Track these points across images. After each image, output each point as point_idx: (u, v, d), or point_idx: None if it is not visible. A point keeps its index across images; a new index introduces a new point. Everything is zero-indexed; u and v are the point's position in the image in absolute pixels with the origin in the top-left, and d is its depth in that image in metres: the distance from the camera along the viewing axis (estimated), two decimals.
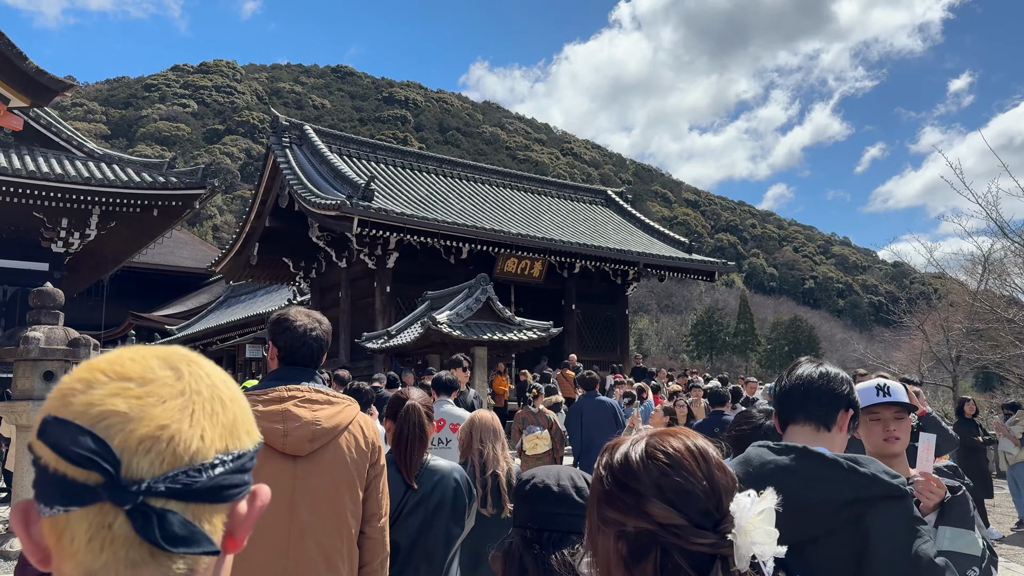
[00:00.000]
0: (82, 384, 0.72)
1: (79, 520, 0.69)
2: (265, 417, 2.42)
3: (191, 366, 0.77)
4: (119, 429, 0.69)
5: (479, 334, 15.01)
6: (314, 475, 2.50)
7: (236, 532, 0.77)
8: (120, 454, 0.68)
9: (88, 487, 0.68)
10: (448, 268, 22.22)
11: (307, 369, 2.65)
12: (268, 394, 2.53)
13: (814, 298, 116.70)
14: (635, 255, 23.72)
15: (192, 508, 0.71)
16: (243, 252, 24.26)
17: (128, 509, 0.68)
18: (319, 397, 2.57)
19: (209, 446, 0.72)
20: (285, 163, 21.48)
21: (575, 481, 1.93)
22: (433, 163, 25.99)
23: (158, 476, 0.69)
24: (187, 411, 0.72)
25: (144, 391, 0.72)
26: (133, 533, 0.68)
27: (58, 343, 8.40)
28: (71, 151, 22.65)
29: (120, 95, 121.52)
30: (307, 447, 2.48)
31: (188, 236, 51.42)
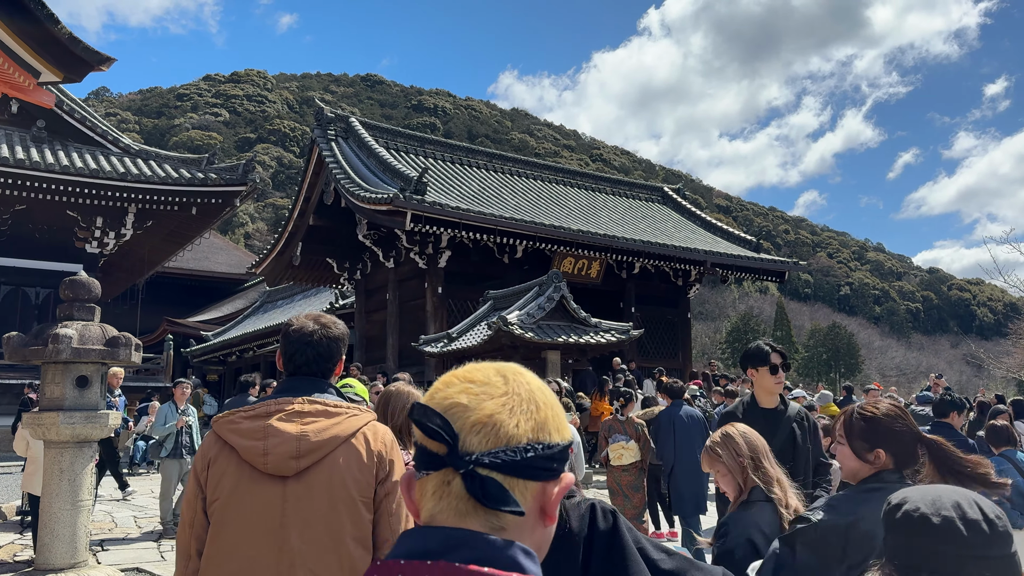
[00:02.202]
0: (443, 384, 1.00)
1: (429, 480, 0.95)
2: (246, 434, 2.25)
3: (516, 376, 1.01)
4: (460, 415, 0.95)
5: (553, 336, 13.52)
6: (307, 497, 2.23)
7: (547, 508, 0.97)
8: (459, 432, 0.93)
9: (437, 456, 0.94)
10: (502, 268, 20.82)
11: (310, 379, 2.42)
12: (255, 409, 2.32)
13: (850, 305, 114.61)
14: (702, 254, 22.14)
15: (508, 480, 0.93)
16: (285, 252, 23.01)
17: (463, 473, 0.92)
18: (313, 408, 2.30)
19: (522, 434, 0.94)
20: (331, 156, 20.19)
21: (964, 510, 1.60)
22: (484, 157, 24.59)
23: (484, 451, 0.92)
24: (508, 407, 0.96)
25: (480, 390, 0.97)
26: (464, 491, 0.92)
27: (94, 342, 7.03)
28: (106, 146, 21.58)
29: (153, 105, 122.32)
30: (292, 465, 2.22)
31: (223, 241, 50.57)
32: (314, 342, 2.44)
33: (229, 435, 2.29)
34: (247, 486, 2.23)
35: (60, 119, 20.55)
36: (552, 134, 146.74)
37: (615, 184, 28.00)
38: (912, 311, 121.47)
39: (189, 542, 2.30)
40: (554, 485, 0.97)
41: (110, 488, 12.40)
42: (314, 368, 2.44)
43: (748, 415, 4.16)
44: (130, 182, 19.84)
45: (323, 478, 2.25)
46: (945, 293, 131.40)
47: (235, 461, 2.25)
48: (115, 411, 11.87)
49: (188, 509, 2.32)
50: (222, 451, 2.29)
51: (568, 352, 14.27)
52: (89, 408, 7.12)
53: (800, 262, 25.10)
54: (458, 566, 0.88)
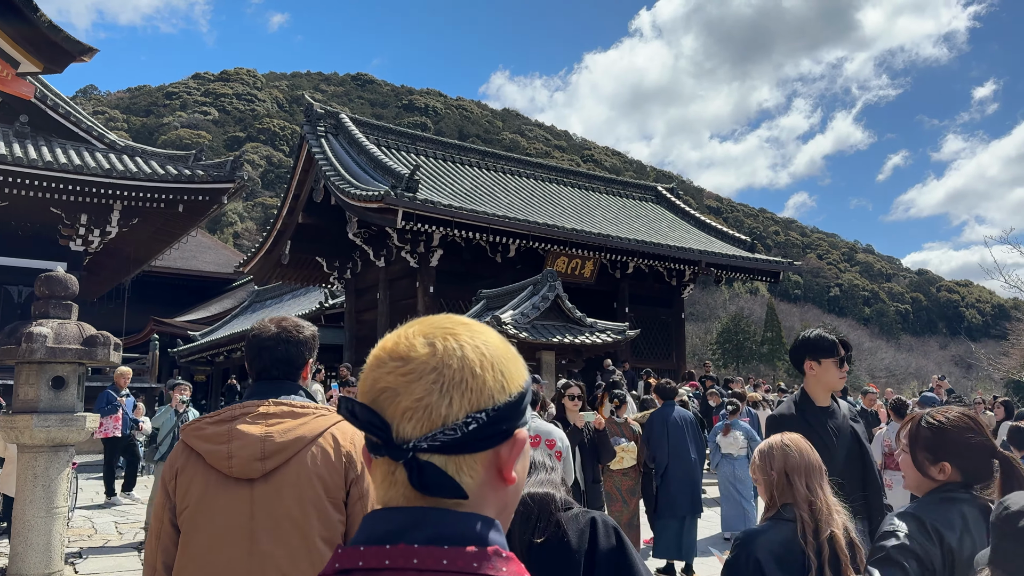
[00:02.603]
0: (372, 363, 0.93)
1: (378, 465, 0.93)
2: (210, 439, 2.21)
3: (446, 340, 0.91)
4: (389, 402, 0.90)
5: (548, 336, 13.21)
6: (275, 499, 2.16)
7: (503, 471, 0.93)
8: (391, 422, 0.89)
9: (376, 444, 0.91)
10: (494, 268, 20.51)
11: (277, 382, 2.37)
12: (221, 414, 2.28)
13: (839, 306, 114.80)
14: (697, 253, 21.88)
15: (453, 459, 0.90)
16: (273, 251, 22.63)
17: (402, 462, 0.89)
18: (278, 410, 2.24)
19: (458, 411, 0.89)
20: (320, 153, 19.83)
21: None
22: (476, 155, 24.26)
23: (420, 437, 0.88)
24: (438, 384, 0.88)
25: (407, 369, 0.89)
26: (407, 479, 0.89)
27: (70, 341, 6.69)
28: (91, 142, 21.16)
29: (141, 103, 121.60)
30: (257, 467, 2.16)
31: (211, 240, 50.08)
32: (271, 347, 2.38)
33: (195, 441, 2.25)
34: (215, 491, 2.19)
35: (44, 114, 20.14)
36: (543, 134, 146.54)
37: (608, 183, 27.72)
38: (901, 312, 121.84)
39: (156, 554, 2.27)
40: (507, 446, 0.93)
41: (91, 493, 12.04)
42: (275, 372, 2.38)
43: (805, 416, 3.63)
44: (115, 179, 19.44)
45: (291, 479, 2.19)
46: (934, 295, 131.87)
47: (202, 467, 2.22)
48: (118, 412, 11.57)
49: (155, 520, 2.29)
50: (189, 459, 2.26)
51: (563, 353, 13.97)
52: (65, 410, 6.78)
53: (795, 262, 24.84)
54: (417, 547, 0.86)
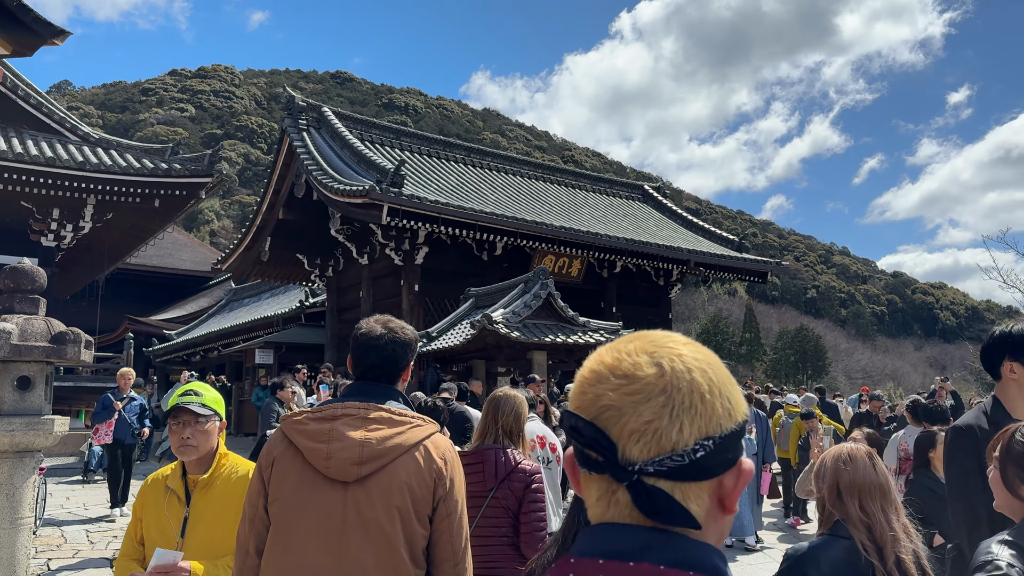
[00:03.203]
0: (591, 379, 0.91)
1: (594, 482, 0.90)
2: (311, 436, 2.24)
3: (673, 362, 0.89)
4: (614, 421, 0.87)
5: (540, 336, 12.76)
6: (366, 505, 2.19)
7: (725, 500, 0.89)
8: (616, 441, 0.86)
9: (596, 461, 0.88)
10: (481, 266, 20.05)
11: (379, 385, 2.38)
12: (323, 411, 2.29)
13: (816, 307, 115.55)
14: (686, 252, 21.54)
15: (679, 486, 0.86)
16: (253, 247, 22.03)
17: (626, 484, 0.86)
18: (378, 416, 2.27)
19: (688, 437, 0.85)
20: (302, 147, 19.28)
21: None
22: (461, 152, 23.77)
23: (647, 460, 0.85)
24: (668, 408, 0.86)
25: (633, 389, 0.87)
26: (631, 502, 0.87)
27: (37, 338, 6.16)
28: (64, 134, 20.50)
29: (117, 99, 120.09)
30: (354, 471, 2.19)
31: (187, 238, 49.23)
32: (380, 346, 2.40)
33: (295, 435, 2.28)
34: (309, 488, 2.22)
35: (14, 104, 19.45)
36: (524, 135, 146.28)
37: (595, 181, 27.32)
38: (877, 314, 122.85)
39: (248, 538, 2.31)
40: (732, 476, 0.89)
41: (61, 499, 11.46)
42: (379, 372, 2.41)
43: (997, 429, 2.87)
44: (89, 172, 18.81)
45: (383, 486, 2.22)
46: (909, 296, 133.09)
47: (299, 462, 2.25)
48: (112, 417, 10.79)
49: (250, 506, 2.33)
50: (287, 451, 2.29)
51: (555, 353, 13.54)
52: (31, 413, 6.25)
53: (782, 262, 24.59)
54: (663, 568, 0.84)
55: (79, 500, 11.51)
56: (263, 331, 26.63)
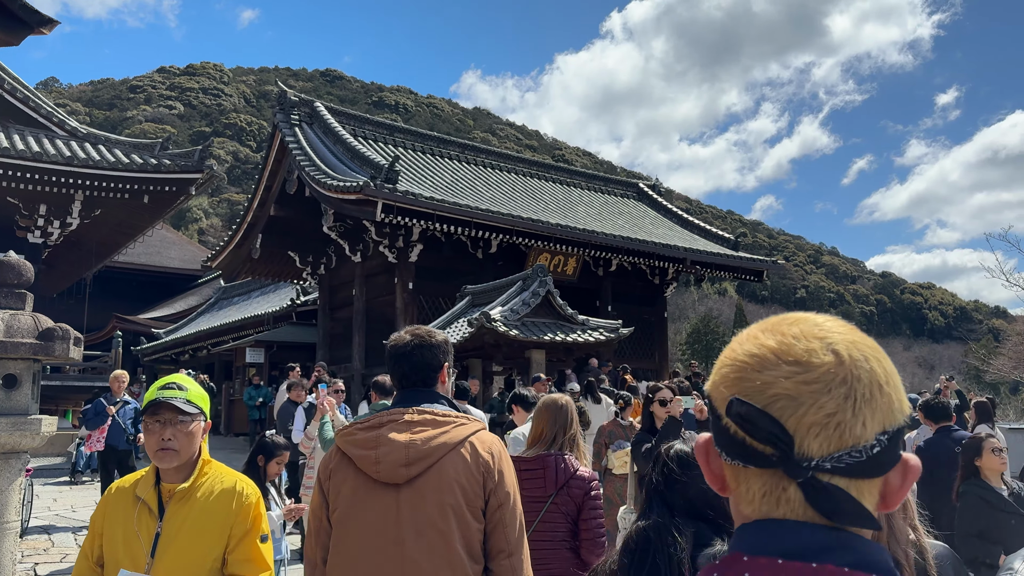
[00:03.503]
0: (754, 362, 0.83)
1: (755, 476, 0.84)
2: (360, 444, 2.35)
3: (851, 349, 0.82)
4: (790, 411, 0.80)
5: (539, 334, 12.53)
6: (419, 504, 2.27)
7: (888, 497, 0.83)
8: (793, 434, 0.80)
9: (764, 455, 0.81)
10: (475, 264, 19.80)
11: (419, 390, 2.49)
12: (370, 421, 2.42)
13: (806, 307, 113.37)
14: (682, 251, 21.34)
15: (855, 483, 0.81)
16: (244, 245, 21.70)
17: (800, 482, 0.80)
18: (421, 418, 2.37)
19: (870, 432, 0.80)
20: (294, 142, 18.98)
21: None
22: (455, 148, 23.51)
23: (826, 456, 0.79)
24: (851, 401, 0.79)
25: (811, 378, 0.80)
26: (804, 500, 0.81)
27: (24, 334, 5.90)
28: (51, 129, 20.15)
29: (104, 96, 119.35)
30: (402, 473, 2.28)
31: (176, 236, 48.79)
32: (409, 353, 2.49)
33: (347, 446, 2.38)
34: (364, 494, 2.31)
35: (1, 99, 19.09)
36: (515, 134, 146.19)
37: (590, 179, 27.11)
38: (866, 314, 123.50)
39: (315, 550, 2.40)
40: (898, 473, 0.83)
41: (48, 500, 11.17)
42: (415, 378, 2.49)
43: None
44: (77, 167, 18.48)
45: (432, 485, 2.29)
46: (898, 296, 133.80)
47: (352, 471, 2.34)
48: (104, 423, 10.30)
49: (314, 519, 2.42)
50: (341, 462, 2.38)
51: (553, 351, 13.31)
52: (17, 412, 5.99)
53: (778, 261, 24.44)
54: (847, 571, 0.78)
55: (67, 502, 11.22)
56: (253, 330, 26.32)
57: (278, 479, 4.93)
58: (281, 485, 5.05)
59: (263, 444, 4.85)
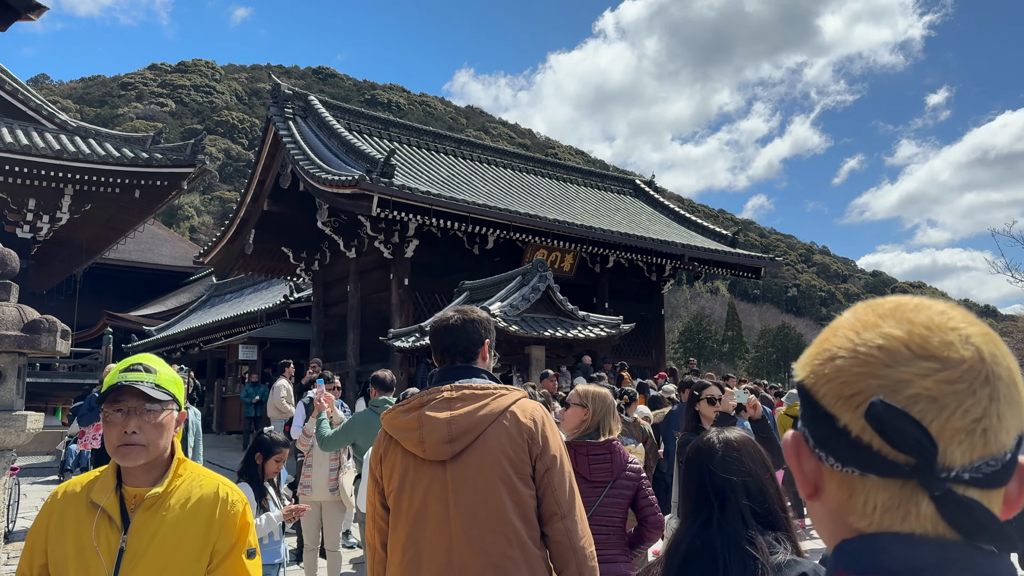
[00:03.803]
0: (882, 355, 0.73)
1: (876, 487, 0.73)
2: (403, 426, 2.37)
3: (987, 344, 0.73)
4: (933, 417, 0.70)
5: (539, 330, 12.30)
6: (467, 478, 2.29)
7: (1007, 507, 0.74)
8: (938, 441, 0.70)
9: (894, 464, 0.71)
10: (472, 260, 19.56)
11: (458, 367, 2.49)
12: (410, 402, 2.44)
13: (797, 306, 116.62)
14: (680, 247, 21.14)
15: (987, 494, 0.72)
16: (237, 240, 21.41)
17: (936, 495, 0.70)
18: (459, 394, 2.38)
19: (1011, 439, 0.72)
20: (288, 136, 18.70)
21: None
22: (451, 143, 23.25)
23: (965, 466, 0.70)
24: (994, 402, 0.71)
25: (952, 376, 0.70)
26: (938, 515, 0.71)
27: (9, 326, 5.65)
28: (40, 122, 19.83)
29: (95, 93, 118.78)
30: (447, 449, 2.30)
31: (167, 232, 48.41)
32: (451, 328, 2.51)
33: (391, 429, 2.40)
34: (414, 474, 2.33)
35: None
36: (507, 132, 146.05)
37: (586, 175, 26.89)
38: None
39: (373, 535, 2.44)
40: (1017, 480, 0.73)
41: (36, 500, 10.87)
42: (456, 352, 2.50)
43: None
44: (66, 160, 18.17)
45: (477, 458, 2.29)
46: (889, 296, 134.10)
47: (401, 453, 2.37)
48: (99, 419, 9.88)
49: (369, 504, 2.46)
50: (390, 445, 2.42)
51: (553, 347, 13.08)
52: (2, 408, 5.74)
53: (776, 258, 24.24)
54: None
55: None
56: (246, 327, 26.02)
57: (276, 478, 4.66)
58: (280, 484, 4.78)
59: (261, 441, 4.60)
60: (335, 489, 6.64)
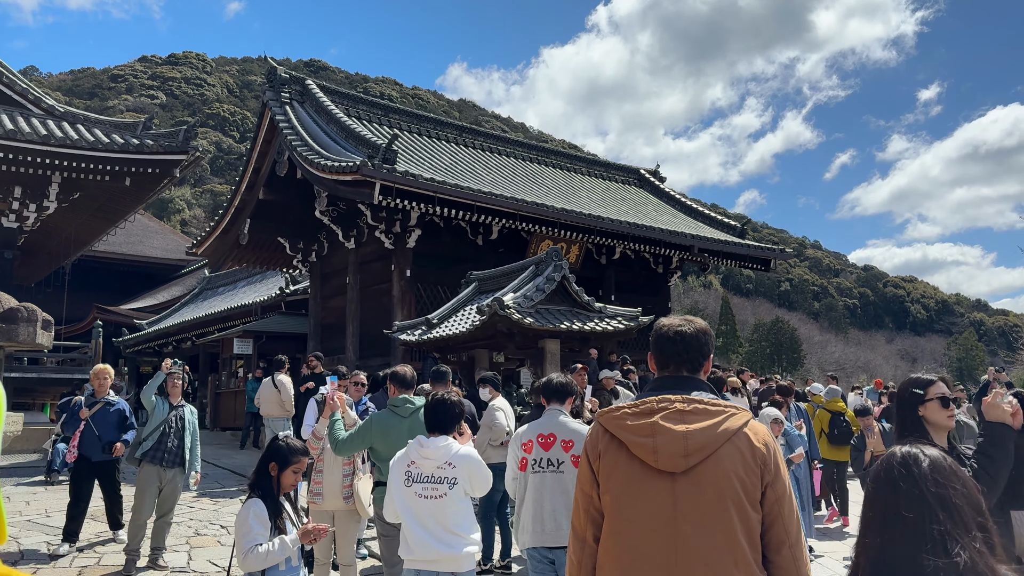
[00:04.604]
0: None
1: None
2: (633, 431, 2.34)
3: None
4: None
5: (555, 322, 11.61)
6: (696, 494, 2.26)
7: None
8: None
9: None
10: (475, 251, 18.88)
11: (681, 376, 2.46)
12: (639, 407, 2.39)
13: (790, 300, 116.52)
14: (690, 238, 20.49)
15: None
16: (231, 230, 20.66)
17: None
18: (693, 408, 2.33)
19: None
20: (285, 121, 17.97)
21: None
22: (453, 131, 22.53)
23: None
24: None
25: None
26: None
27: None
28: (27, 107, 19.08)
29: (85, 85, 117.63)
30: (681, 463, 2.27)
31: (158, 225, 47.56)
32: (683, 336, 2.47)
33: (617, 430, 2.38)
34: (638, 480, 2.30)
35: None
36: (500, 126, 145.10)
37: (590, 164, 26.18)
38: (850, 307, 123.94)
39: (586, 527, 2.42)
40: None
41: (19, 503, 10.17)
42: (682, 361, 2.46)
43: None
44: (53, 146, 17.43)
45: (710, 476, 2.25)
46: (881, 290, 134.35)
47: (624, 455, 2.34)
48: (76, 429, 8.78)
49: (583, 495, 2.43)
50: (611, 444, 2.38)
51: (569, 340, 12.41)
52: None
53: (787, 249, 23.55)
54: None
55: (40, 506, 10.22)
56: (240, 320, 25.29)
57: (293, 492, 3.97)
58: (297, 500, 4.09)
59: (276, 449, 3.89)
60: (349, 497, 5.95)
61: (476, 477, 4.24)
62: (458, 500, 4.18)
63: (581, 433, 4.68)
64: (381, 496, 5.32)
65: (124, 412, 8.45)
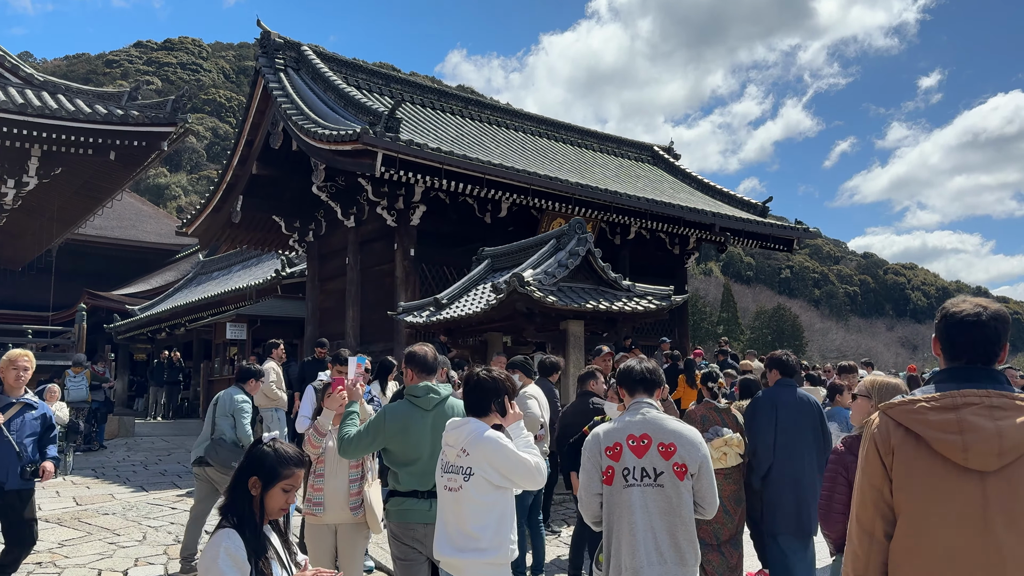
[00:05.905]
0: None
1: None
2: (936, 427, 2.15)
3: None
4: None
5: (580, 302, 10.41)
6: (1010, 494, 2.10)
7: None
8: None
9: None
10: (483, 229, 17.69)
11: (979, 369, 2.23)
12: (939, 400, 2.18)
13: (791, 288, 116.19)
14: (711, 216, 19.30)
15: None
16: (223, 208, 19.44)
17: None
18: (1002, 403, 2.14)
19: None
20: (279, 89, 16.73)
21: None
22: (458, 103, 21.27)
23: None
24: None
25: None
26: None
27: None
28: (3, 76, 17.82)
29: (79, 71, 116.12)
30: (994, 462, 2.10)
31: (151, 208, 46.35)
32: (983, 323, 2.25)
33: (915, 425, 2.19)
34: (941, 478, 2.16)
35: None
36: None
37: (602, 139, 24.91)
38: (850, 294, 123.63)
39: (874, 520, 2.27)
40: None
41: None
42: (976, 351, 2.25)
43: None
44: (31, 116, 16.24)
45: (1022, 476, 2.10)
46: (881, 277, 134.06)
47: (925, 452, 2.19)
48: None
49: (872, 489, 2.28)
50: (906, 439, 2.23)
51: (594, 321, 11.24)
52: None
53: (810, 228, 22.40)
54: None
55: None
56: (234, 305, 24.11)
57: (284, 518, 2.70)
58: (288, 529, 2.81)
59: (259, 457, 2.58)
60: (358, 507, 4.77)
61: (499, 464, 3.36)
62: (478, 495, 3.35)
63: (684, 435, 3.56)
64: (396, 509, 4.17)
65: (49, 418, 6.14)
